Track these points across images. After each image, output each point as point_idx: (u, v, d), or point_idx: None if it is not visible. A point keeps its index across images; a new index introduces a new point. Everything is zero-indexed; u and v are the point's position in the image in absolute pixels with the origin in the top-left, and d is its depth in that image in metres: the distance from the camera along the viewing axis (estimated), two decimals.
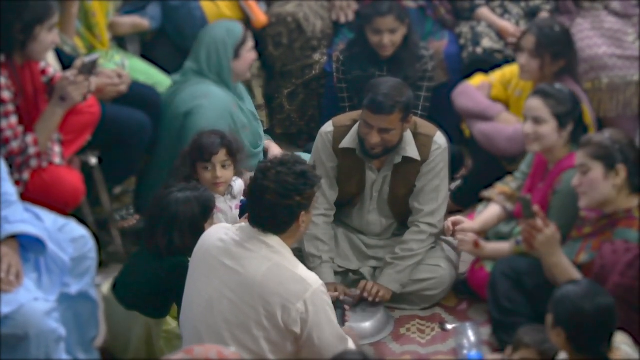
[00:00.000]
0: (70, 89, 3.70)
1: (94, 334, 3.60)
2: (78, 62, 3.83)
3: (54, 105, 3.73)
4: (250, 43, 4.42)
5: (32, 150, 3.69)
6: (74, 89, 3.70)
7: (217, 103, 4.29)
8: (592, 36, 4.86)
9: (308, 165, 3.14)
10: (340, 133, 4.05)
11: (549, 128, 3.73)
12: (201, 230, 3.35)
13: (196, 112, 4.25)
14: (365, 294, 3.95)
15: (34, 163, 3.72)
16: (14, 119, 3.65)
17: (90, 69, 3.77)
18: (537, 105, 3.76)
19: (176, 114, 4.32)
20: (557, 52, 4.26)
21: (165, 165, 4.19)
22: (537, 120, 3.75)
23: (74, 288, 3.44)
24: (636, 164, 3.39)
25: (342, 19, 5.12)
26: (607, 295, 2.93)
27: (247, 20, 5.00)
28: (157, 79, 4.67)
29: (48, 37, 3.66)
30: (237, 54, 4.36)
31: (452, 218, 4.01)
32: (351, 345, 3.24)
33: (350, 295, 3.97)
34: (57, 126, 3.78)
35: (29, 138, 3.69)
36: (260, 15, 5.00)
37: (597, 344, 2.88)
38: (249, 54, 4.42)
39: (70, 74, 3.73)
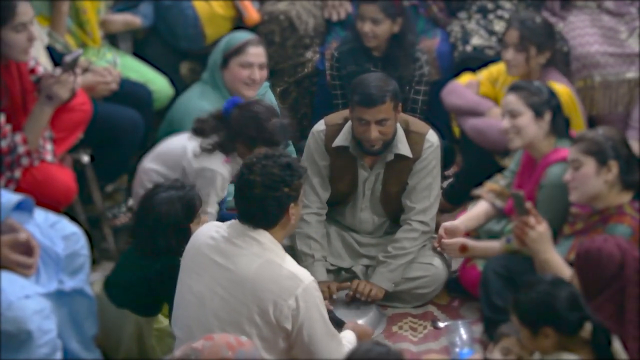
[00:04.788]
0: (56, 88, 3.71)
1: (94, 332, 3.56)
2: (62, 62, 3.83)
3: (41, 104, 3.73)
4: (244, 58, 4.33)
5: (21, 149, 3.69)
6: (59, 87, 3.71)
7: (186, 103, 4.36)
8: (584, 34, 4.87)
9: (292, 157, 3.15)
10: (332, 131, 4.05)
11: (526, 119, 3.75)
12: (185, 231, 3.35)
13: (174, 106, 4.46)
14: (358, 294, 3.95)
15: (25, 161, 3.72)
16: (1, 118, 3.64)
17: (72, 66, 3.77)
18: (510, 99, 3.80)
19: None
20: (541, 44, 4.29)
21: None
22: (513, 114, 3.77)
23: (68, 285, 3.42)
24: (628, 160, 3.40)
25: (335, 17, 5.11)
26: (562, 278, 2.99)
27: (239, 19, 5.01)
28: (149, 76, 4.67)
29: (18, 37, 3.62)
30: (225, 63, 4.35)
31: (440, 231, 3.99)
32: (347, 342, 3.24)
33: (343, 288, 3.98)
34: (46, 125, 3.78)
35: (18, 137, 3.68)
36: (252, 13, 4.99)
37: (581, 323, 2.86)
38: (239, 69, 4.33)
39: (54, 72, 3.73)
